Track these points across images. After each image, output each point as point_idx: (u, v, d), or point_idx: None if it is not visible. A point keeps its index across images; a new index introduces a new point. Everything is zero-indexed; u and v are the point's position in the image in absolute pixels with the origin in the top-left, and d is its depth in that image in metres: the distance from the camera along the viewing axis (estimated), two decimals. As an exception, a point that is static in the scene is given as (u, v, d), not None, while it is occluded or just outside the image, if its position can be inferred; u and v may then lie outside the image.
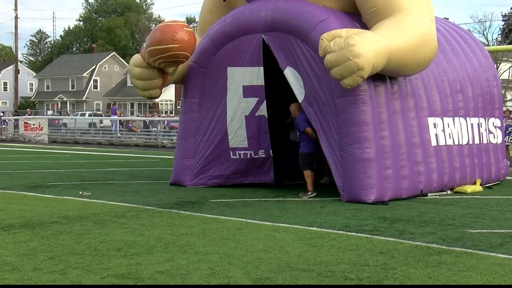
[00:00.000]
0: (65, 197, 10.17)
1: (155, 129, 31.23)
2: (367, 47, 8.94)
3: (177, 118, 28.93)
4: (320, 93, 10.16)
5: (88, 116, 47.82)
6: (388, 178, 9.79)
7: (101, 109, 65.75)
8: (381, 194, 9.65)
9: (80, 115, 48.07)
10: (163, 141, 28.33)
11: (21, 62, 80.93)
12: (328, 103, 10.02)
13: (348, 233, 7.16)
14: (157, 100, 55.60)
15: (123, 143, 29.53)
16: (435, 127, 11.06)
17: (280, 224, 7.68)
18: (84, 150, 24.79)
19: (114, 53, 73.25)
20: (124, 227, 7.41)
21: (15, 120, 36.10)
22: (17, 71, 55.51)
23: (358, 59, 8.86)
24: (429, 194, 10.57)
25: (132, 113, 57.55)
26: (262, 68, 11.07)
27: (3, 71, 73.89)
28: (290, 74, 10.56)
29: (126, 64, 65.32)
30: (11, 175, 13.83)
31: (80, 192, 10.61)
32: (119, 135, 31.23)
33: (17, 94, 55.89)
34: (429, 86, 11.20)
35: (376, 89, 9.92)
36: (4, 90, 73.74)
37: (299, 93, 10.48)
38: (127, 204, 9.33)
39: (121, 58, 73.27)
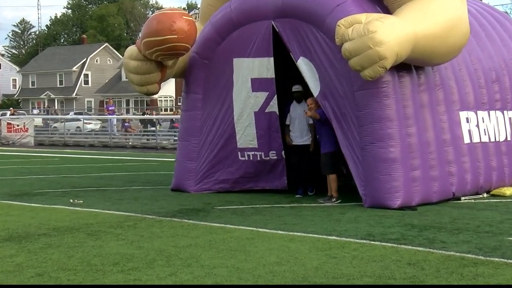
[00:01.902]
0: (54, 206, 10.23)
1: (153, 128, 31.33)
2: (389, 33, 8.93)
3: (177, 116, 29.03)
4: (337, 86, 10.16)
5: (75, 114, 47.93)
6: (415, 180, 9.77)
7: (92, 107, 66.01)
8: (408, 198, 9.65)
9: (74, 114, 48.05)
10: (163, 142, 28.43)
11: (2, 55, 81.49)
12: (346, 97, 10.02)
13: (372, 242, 7.15)
14: (155, 96, 55.75)
15: (118, 145, 29.65)
16: (468, 122, 11.03)
17: (295, 233, 7.70)
18: (75, 153, 24.92)
19: (106, 44, 73.48)
20: (120, 239, 7.44)
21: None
22: (-2, 66, 55.82)
23: (380, 47, 8.85)
24: (463, 198, 10.55)
25: (127, 111, 57.73)
26: (272, 59, 11.08)
27: (-17, 66, 74.37)
28: (303, 65, 10.56)
29: (121, 57, 65.45)
30: (-6, 182, 13.94)
31: (71, 200, 10.68)
32: (115, 135, 31.29)
33: (-1, 92, 56.21)
34: (460, 76, 11.16)
35: (400, 80, 9.91)
36: (-16, 87, 74.24)
37: (314, 86, 10.49)
38: (124, 213, 9.37)
39: (114, 50, 73.49)
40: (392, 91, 9.70)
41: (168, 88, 57.46)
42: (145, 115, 38.43)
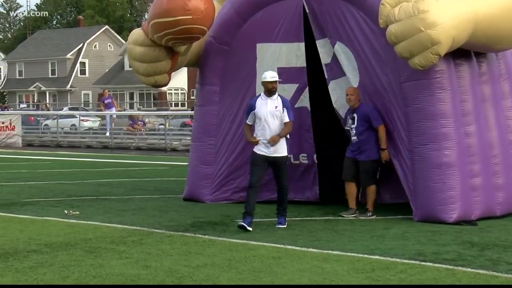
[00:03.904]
0: (46, 217, 10.34)
1: (162, 126, 31.48)
2: (444, 13, 8.90)
3: (190, 113, 29.15)
4: (380, 77, 10.14)
5: (69, 109, 48.27)
6: (476, 189, 9.72)
7: (90, 101, 66.53)
8: (467, 211, 9.60)
9: (68, 109, 48.39)
10: (173, 143, 28.57)
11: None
12: (391, 90, 9.99)
13: (423, 263, 7.13)
14: (164, 88, 55.93)
15: (120, 146, 29.84)
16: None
17: (331, 252, 7.70)
18: (70, 156, 25.14)
19: (106, 27, 74.04)
20: (124, 257, 7.51)
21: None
22: (-19, 53, 56.51)
23: (433, 30, 8.82)
24: (533, 211, 10.45)
25: (131, 106, 58.11)
26: (303, 44, 11.10)
27: (-38, 53, 75.41)
28: (340, 51, 10.56)
29: (124, 42, 65.91)
30: (-24, 189, 14.12)
31: (66, 211, 10.78)
32: (106, 135, 31.42)
33: (-19, 83, 56.91)
34: (530, 64, 11.07)
35: (457, 69, 9.86)
36: (-36, 78, 75.25)
37: (352, 76, 10.48)
38: (128, 227, 9.44)
39: (116, 34, 74.06)
40: (448, 82, 9.65)
41: (180, 79, 57.60)
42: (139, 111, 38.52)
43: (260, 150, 9.35)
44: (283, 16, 11.16)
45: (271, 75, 9.44)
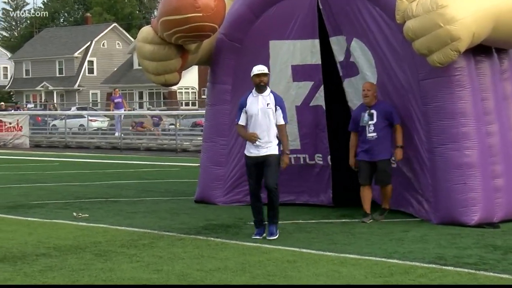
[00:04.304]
0: (54, 220, 10.39)
1: (172, 126, 31.51)
2: (464, 8, 8.87)
3: (202, 112, 29.14)
4: (398, 74, 10.12)
5: (77, 109, 48.41)
6: (498, 190, 9.68)
7: (98, 100, 66.74)
8: (489, 213, 9.56)
9: (76, 109, 48.54)
10: (184, 144, 28.62)
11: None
12: (410, 88, 9.97)
13: (443, 267, 7.12)
14: (174, 87, 56.06)
15: (130, 147, 29.92)
16: None
17: (348, 255, 7.69)
18: (78, 157, 25.23)
19: (115, 24, 74.24)
20: (134, 261, 7.53)
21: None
22: (-13, 52, 56.82)
23: (452, 25, 8.80)
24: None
25: (140, 106, 58.25)
26: (317, 41, 11.09)
27: (-32, 51, 75.80)
28: (358, 48, 10.55)
29: (133, 40, 66.05)
30: (-17, 191, 14.19)
31: (75, 214, 10.83)
32: (115, 135, 31.45)
33: (-13, 83, 57.21)
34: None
35: (478, 66, 9.83)
36: (-31, 77, 75.69)
37: (370, 74, 10.47)
38: (138, 230, 9.47)
39: (125, 32, 74.25)
40: (468, 80, 9.62)
41: (190, 78, 57.66)
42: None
43: (249, 152, 8.93)
44: (297, 12, 11.16)
45: (258, 68, 8.94)
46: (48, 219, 10.49)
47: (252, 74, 8.95)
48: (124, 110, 33.79)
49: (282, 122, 8.90)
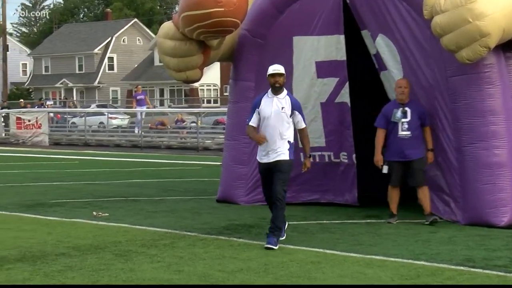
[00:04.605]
0: (74, 219, 10.46)
1: (194, 124, 31.58)
2: (493, 3, 8.82)
3: (224, 110, 29.19)
4: (425, 71, 10.07)
5: (97, 106, 48.61)
6: (528, 190, 9.61)
7: (119, 98, 67.01)
8: (519, 214, 9.51)
9: (96, 107, 48.72)
10: (206, 142, 28.68)
11: (10, 35, 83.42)
12: (437, 86, 9.92)
13: (472, 269, 7.10)
14: (196, 84, 56.11)
15: (150, 145, 30.04)
16: None
17: (373, 257, 7.68)
18: (98, 155, 25.39)
19: (135, 20, 74.51)
20: (155, 261, 7.57)
21: (4, 114, 37.20)
22: (5, 48, 57.23)
23: (481, 21, 8.75)
24: None
25: (161, 103, 58.41)
26: (343, 37, 11.06)
27: (-14, 48, 76.20)
28: (383, 45, 10.52)
29: (153, 36, 66.26)
30: (1, 190, 14.32)
31: (95, 213, 10.90)
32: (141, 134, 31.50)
33: (6, 79, 57.66)
34: None
35: (508, 63, 9.78)
36: (-12, 74, 76.13)
37: (396, 71, 10.43)
38: (159, 229, 9.51)
39: (145, 28, 74.50)
40: (497, 76, 9.56)
41: (212, 75, 57.77)
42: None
43: (260, 158, 8.58)
44: (322, 7, 11.14)
45: (273, 68, 8.56)
46: (68, 218, 10.57)
47: (267, 74, 8.65)
48: (147, 108, 33.84)
49: (303, 125, 8.66)
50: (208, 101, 60.17)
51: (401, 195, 10.13)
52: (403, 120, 9.86)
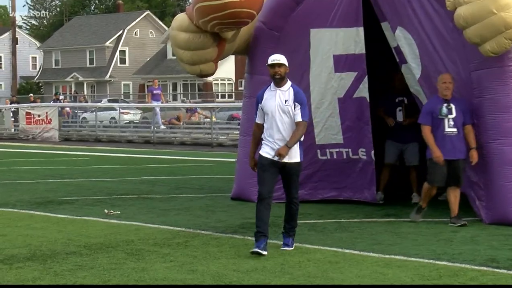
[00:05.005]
0: (85, 217, 10.50)
1: (207, 120, 31.62)
2: (519, -7, 8.77)
3: (239, 104, 29.21)
4: (447, 65, 10.03)
5: (108, 101, 48.73)
6: (554, 188, 9.56)
7: (131, 92, 67.16)
8: (544, 213, 9.46)
9: (108, 101, 48.82)
10: (220, 138, 28.71)
11: (19, 27, 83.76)
12: (460, 80, 9.87)
13: (496, 270, 7.06)
14: (210, 78, 56.10)
15: (163, 141, 30.12)
16: None
17: (393, 256, 7.67)
18: (109, 151, 25.47)
19: (148, 12, 74.66)
20: (168, 260, 7.58)
21: (13, 109, 37.38)
22: (14, 41, 57.49)
23: (506, 12, 8.71)
24: None
25: (174, 98, 58.54)
26: (361, 30, 11.03)
27: (-5, 41, 76.57)
28: (402, 38, 10.48)
29: (166, 28, 66.39)
30: (10, 186, 14.40)
31: (106, 211, 10.94)
32: (160, 129, 31.47)
33: (15, 73, 57.92)
34: None
35: (534, 56, 9.72)
36: (-3, 67, 76.55)
37: (415, 65, 10.39)
38: (172, 228, 9.53)
39: (158, 20, 74.63)
40: (523, 70, 9.51)
41: (226, 68, 57.82)
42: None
43: (267, 152, 8.04)
44: (340, -1, 11.12)
45: (272, 58, 8.06)
46: (78, 216, 10.61)
47: (266, 65, 8.20)
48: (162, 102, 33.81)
49: (299, 119, 7.96)
50: (223, 96, 60.27)
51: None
52: (450, 116, 9.61)
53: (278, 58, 8.04)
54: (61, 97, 50.51)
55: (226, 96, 60.14)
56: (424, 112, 9.84)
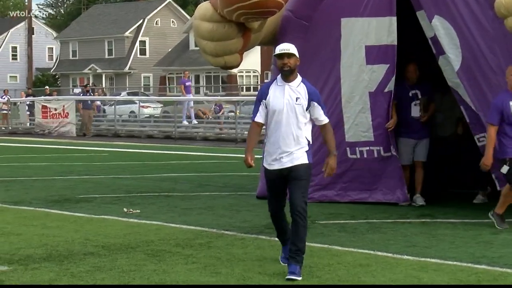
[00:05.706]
0: (103, 216, 10.55)
1: (232, 114, 31.61)
2: None
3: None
4: (488, 57, 9.98)
5: (128, 94, 48.84)
6: None
7: (151, 85, 67.33)
8: None
9: (127, 94, 48.90)
10: (245, 133, 28.70)
11: (36, 17, 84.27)
12: (501, 73, 9.79)
13: (538, 275, 7.02)
14: (234, 70, 56.18)
15: (185, 136, 30.17)
16: None
17: (429, 259, 7.64)
18: (128, 147, 25.57)
19: (169, 0, 74.78)
20: (190, 262, 7.60)
21: (29, 103, 37.61)
22: (30, 31, 57.90)
23: (551, 0, 8.63)
24: None
25: (197, 91, 58.62)
26: (395, 19, 10.98)
27: (10, 31, 76.67)
28: (440, 27, 10.41)
29: (189, 18, 66.49)
30: (26, 184, 14.50)
31: (125, 210, 10.98)
32: (189, 125, 31.38)
33: (31, 65, 58.34)
34: None
35: None
36: (13, 59, 76.68)
37: (454, 56, 10.33)
38: (194, 228, 9.55)
39: (180, 9, 74.74)
40: None
41: (252, 60, 57.78)
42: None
43: (269, 164, 7.39)
44: (373, -15, 11.09)
45: (280, 47, 7.28)
46: (96, 214, 10.66)
47: (273, 55, 7.60)
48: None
49: (326, 120, 7.29)
50: (248, 89, 60.17)
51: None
52: None
53: (287, 47, 7.26)
54: (77, 90, 50.72)
55: (252, 89, 60.05)
56: (492, 110, 9.37)
